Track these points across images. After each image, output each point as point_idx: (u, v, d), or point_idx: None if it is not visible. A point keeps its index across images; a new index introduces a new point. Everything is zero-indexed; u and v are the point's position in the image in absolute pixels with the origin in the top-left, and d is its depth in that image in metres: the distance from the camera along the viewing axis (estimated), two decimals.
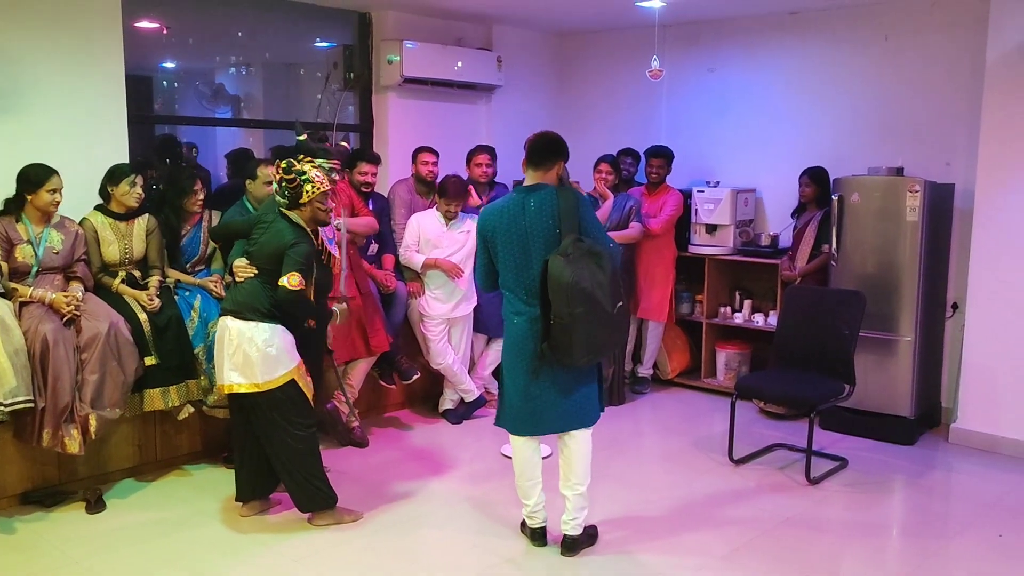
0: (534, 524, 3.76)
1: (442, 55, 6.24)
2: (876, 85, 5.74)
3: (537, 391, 3.59)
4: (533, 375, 3.56)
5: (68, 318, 4.01)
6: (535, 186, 3.58)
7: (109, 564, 3.60)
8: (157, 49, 5.76)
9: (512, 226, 3.54)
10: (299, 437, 3.85)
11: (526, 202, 3.55)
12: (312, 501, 3.92)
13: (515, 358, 3.63)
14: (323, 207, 3.87)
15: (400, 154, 5.98)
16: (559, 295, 3.36)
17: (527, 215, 3.52)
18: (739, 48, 6.38)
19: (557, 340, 3.42)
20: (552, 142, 3.60)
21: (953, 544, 3.91)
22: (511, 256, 3.57)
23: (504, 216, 3.56)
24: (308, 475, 3.88)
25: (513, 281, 3.59)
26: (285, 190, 3.78)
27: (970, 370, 5.16)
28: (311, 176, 3.79)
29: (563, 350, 3.44)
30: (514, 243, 3.55)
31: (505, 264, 3.58)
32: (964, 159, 5.34)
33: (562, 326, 3.39)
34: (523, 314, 3.57)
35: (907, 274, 5.11)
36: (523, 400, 3.61)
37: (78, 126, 4.61)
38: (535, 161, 3.59)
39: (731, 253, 6.13)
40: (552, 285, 3.38)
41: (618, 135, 6.74)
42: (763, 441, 5.11)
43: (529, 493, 3.72)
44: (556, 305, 3.38)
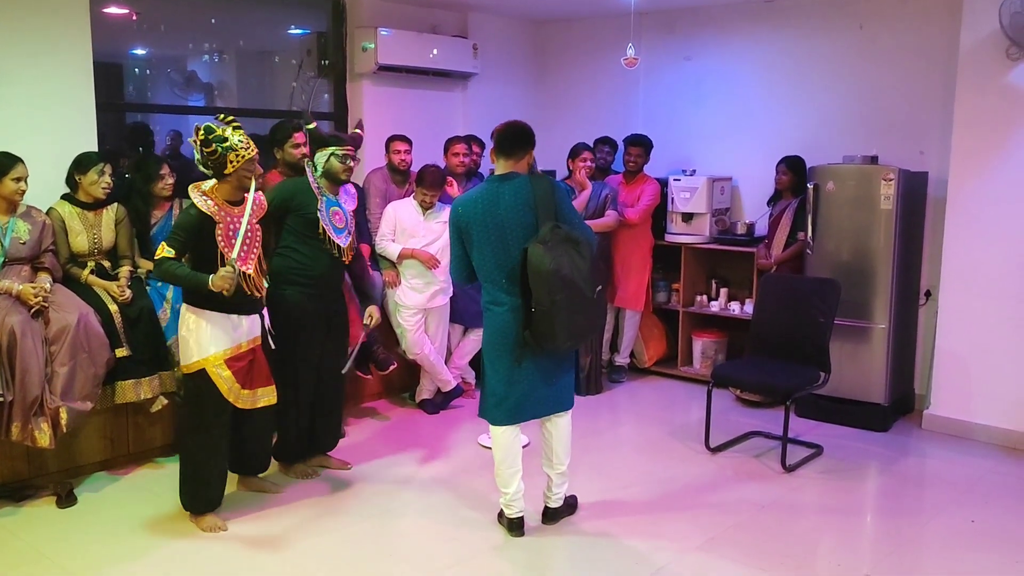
0: (512, 513, 3.76)
1: (417, 42, 6.19)
2: (851, 74, 5.76)
3: (520, 379, 3.62)
4: (517, 363, 3.58)
5: (36, 310, 3.94)
6: (508, 175, 3.59)
7: (81, 559, 3.55)
8: (127, 36, 5.66)
9: (488, 216, 3.53)
10: (190, 429, 3.80)
11: (500, 192, 3.54)
12: (183, 498, 3.84)
13: (498, 348, 3.62)
14: (248, 173, 3.66)
15: (375, 142, 5.92)
16: (540, 283, 3.40)
17: (502, 204, 3.52)
18: (715, 36, 6.37)
19: (539, 327, 3.47)
20: (522, 131, 3.62)
21: (926, 529, 3.95)
22: (488, 246, 3.55)
23: (478, 206, 3.54)
24: (188, 472, 3.79)
25: (492, 271, 3.58)
26: (207, 160, 3.61)
27: (943, 357, 5.20)
28: (233, 143, 3.60)
29: (546, 337, 3.48)
30: (491, 233, 3.53)
31: (482, 255, 3.56)
32: (937, 148, 5.38)
33: (544, 313, 3.43)
34: (503, 304, 3.58)
35: (881, 262, 5.14)
36: (507, 389, 3.63)
37: (45, 114, 4.53)
38: (506, 150, 3.59)
39: (707, 241, 6.14)
40: (532, 273, 3.40)
41: (595, 123, 6.72)
42: (739, 429, 5.13)
43: (509, 481, 3.72)
44: (537, 293, 3.42)
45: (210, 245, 3.62)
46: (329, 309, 4.23)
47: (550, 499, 3.86)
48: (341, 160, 4.14)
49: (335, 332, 4.30)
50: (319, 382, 4.29)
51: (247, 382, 3.78)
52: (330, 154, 4.14)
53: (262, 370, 3.87)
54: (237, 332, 3.74)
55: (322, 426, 4.40)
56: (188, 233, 3.59)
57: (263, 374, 3.87)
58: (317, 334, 4.19)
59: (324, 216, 4.10)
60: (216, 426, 3.77)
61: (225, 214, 3.66)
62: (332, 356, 4.32)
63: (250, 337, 3.81)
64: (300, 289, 4.10)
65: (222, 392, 3.70)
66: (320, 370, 4.27)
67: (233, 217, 3.69)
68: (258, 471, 4.21)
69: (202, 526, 3.78)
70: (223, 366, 3.69)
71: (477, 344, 5.72)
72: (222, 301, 3.60)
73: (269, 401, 3.89)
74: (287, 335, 4.07)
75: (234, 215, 3.69)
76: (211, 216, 3.61)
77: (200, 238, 3.60)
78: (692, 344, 6.29)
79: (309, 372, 4.21)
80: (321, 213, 4.09)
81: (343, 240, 4.17)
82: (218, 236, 3.62)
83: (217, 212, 3.63)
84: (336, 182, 4.20)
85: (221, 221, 3.64)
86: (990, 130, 4.91)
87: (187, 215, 3.64)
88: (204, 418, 3.74)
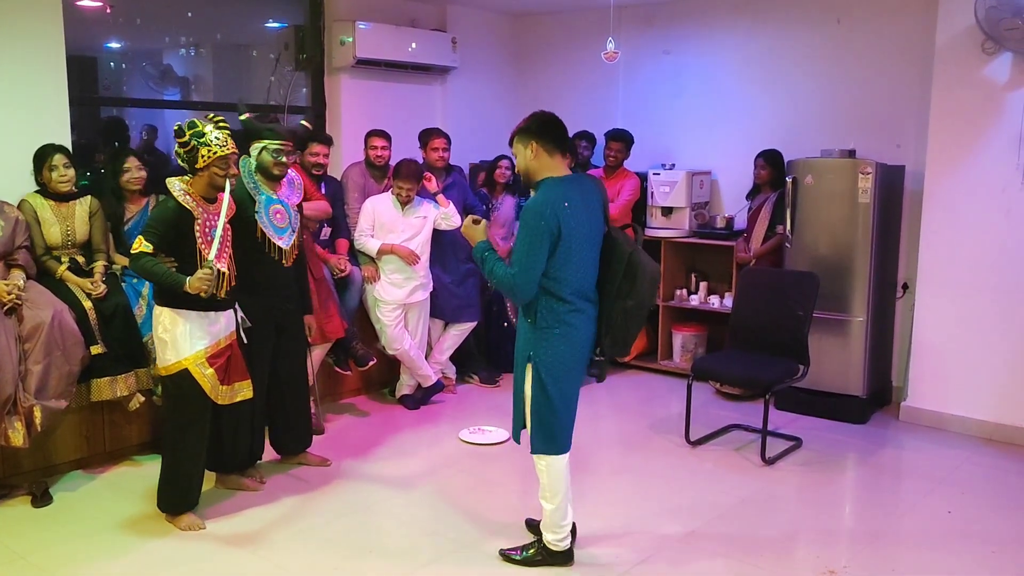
0: (567, 545, 3.45)
1: (396, 36, 6.16)
2: (829, 68, 5.79)
3: (577, 396, 3.39)
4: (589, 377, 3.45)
5: (9, 307, 3.89)
6: (578, 176, 3.39)
7: (57, 558, 3.51)
8: (101, 29, 5.59)
9: (585, 221, 3.20)
10: (171, 428, 3.75)
11: (585, 193, 3.25)
12: (159, 498, 3.79)
13: (574, 372, 3.31)
14: (220, 172, 3.58)
15: (353, 137, 5.89)
16: (649, 287, 3.28)
17: (590, 207, 3.25)
18: (694, 30, 6.38)
19: (624, 332, 3.31)
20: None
21: (904, 521, 3.98)
22: (588, 252, 3.24)
23: (579, 210, 3.18)
24: (170, 473, 3.74)
25: (585, 279, 3.25)
26: (181, 153, 3.56)
27: (920, 349, 5.25)
28: (208, 139, 3.54)
29: (624, 343, 3.36)
30: (586, 239, 3.21)
31: (580, 262, 3.21)
32: (914, 141, 5.41)
33: (638, 317, 3.30)
34: (584, 312, 3.27)
35: (859, 255, 5.18)
36: (569, 413, 3.35)
37: (17, 108, 4.46)
38: (564, 144, 3.29)
39: (687, 236, 6.15)
40: (644, 278, 3.25)
41: (574, 118, 6.65)
42: (719, 422, 5.15)
43: (568, 510, 3.41)
44: (640, 297, 3.26)
45: (187, 241, 3.57)
46: (278, 311, 4.10)
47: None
48: (273, 155, 3.95)
49: (289, 334, 4.20)
50: (279, 386, 4.21)
51: (225, 378, 3.74)
52: (262, 148, 3.96)
53: (239, 364, 3.83)
54: (215, 328, 3.71)
55: (291, 429, 4.35)
56: (166, 226, 3.53)
57: (240, 368, 3.83)
58: (267, 339, 4.08)
59: (263, 218, 3.96)
60: (199, 426, 3.74)
61: (203, 210, 3.62)
62: (289, 359, 4.23)
63: (227, 332, 3.78)
64: (245, 294, 3.92)
65: (206, 390, 3.66)
66: (279, 373, 4.19)
67: (210, 214, 3.64)
68: (237, 468, 4.17)
69: (180, 525, 3.74)
70: (205, 364, 3.65)
71: (458, 339, 5.71)
72: (198, 299, 3.56)
73: (246, 395, 3.85)
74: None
75: (211, 212, 3.65)
76: (190, 211, 3.57)
77: (178, 232, 3.55)
78: (672, 338, 6.31)
79: (260, 378, 4.07)
80: (260, 216, 3.95)
81: (285, 241, 4.03)
82: (196, 232, 3.58)
83: (195, 207, 3.59)
84: (271, 178, 4.01)
85: (199, 217, 3.59)
86: (966, 124, 4.94)
87: (165, 208, 3.58)
88: (188, 419, 3.70)
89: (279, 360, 4.20)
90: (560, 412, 3.31)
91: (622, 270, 3.25)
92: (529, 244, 3.12)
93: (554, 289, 3.19)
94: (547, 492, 3.37)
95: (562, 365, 3.26)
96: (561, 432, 3.33)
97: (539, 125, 3.26)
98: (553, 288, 3.19)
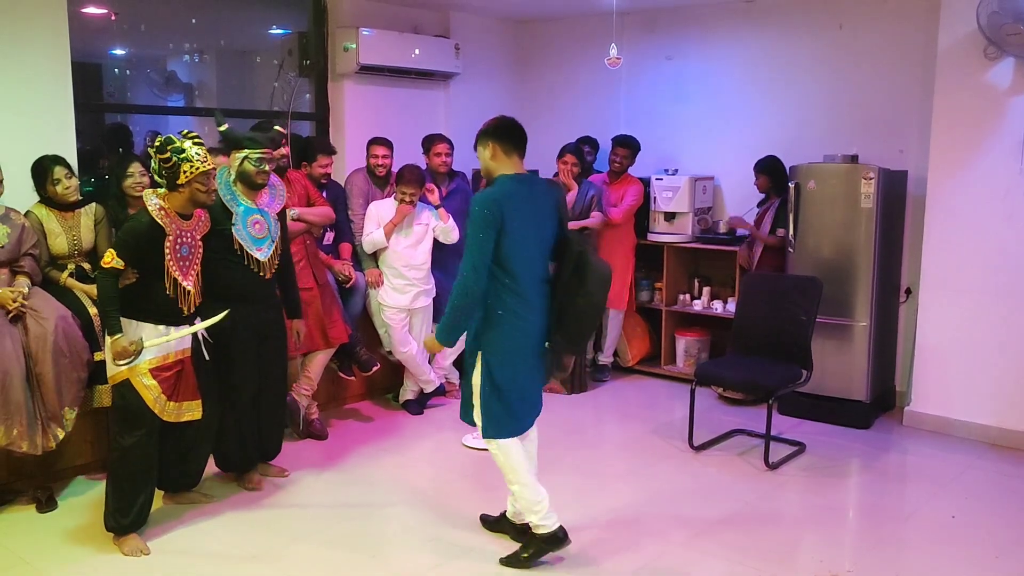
0: (554, 524, 3.47)
1: (399, 42, 6.18)
2: (831, 73, 5.80)
3: (531, 385, 3.54)
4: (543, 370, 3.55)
5: (14, 314, 3.90)
6: (531, 176, 3.52)
7: (60, 564, 3.52)
8: (106, 36, 5.62)
9: (530, 217, 3.36)
10: (114, 446, 3.65)
11: (534, 192, 3.42)
12: (105, 517, 3.64)
13: (520, 358, 3.44)
14: (203, 188, 3.54)
15: (357, 143, 5.91)
16: (599, 286, 3.44)
17: (539, 205, 3.41)
18: (696, 36, 6.39)
19: (576, 329, 3.48)
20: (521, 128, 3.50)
21: (908, 525, 3.98)
22: (535, 248, 3.40)
23: (522, 205, 3.33)
24: (111, 488, 3.62)
25: (531, 274, 3.39)
26: (161, 170, 3.51)
27: (923, 354, 5.24)
28: (190, 155, 3.50)
29: (575, 339, 3.54)
30: (532, 235, 3.37)
31: (526, 256, 3.36)
32: (917, 146, 5.42)
33: (589, 315, 3.47)
34: (535, 308, 3.41)
35: (862, 260, 5.18)
36: (520, 400, 3.48)
37: (22, 115, 4.48)
38: (521, 145, 3.45)
39: (690, 241, 6.16)
40: (594, 277, 3.42)
41: (577, 123, 6.73)
42: (723, 427, 5.15)
43: (537, 487, 3.47)
44: (590, 296, 3.42)
45: (155, 256, 3.52)
46: (260, 321, 4.04)
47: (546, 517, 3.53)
48: (255, 164, 3.92)
49: (271, 343, 4.14)
50: (259, 394, 4.16)
51: (173, 394, 3.64)
52: (243, 158, 3.92)
53: (189, 383, 3.72)
54: (182, 343, 3.64)
55: (264, 436, 4.32)
56: (139, 240, 3.49)
57: (190, 388, 3.73)
58: (249, 348, 4.03)
59: (240, 231, 3.91)
60: (145, 441, 3.61)
61: (176, 227, 3.57)
62: (270, 367, 4.18)
63: (179, 348, 3.69)
64: (226, 304, 3.83)
65: (147, 402, 3.56)
66: (261, 381, 4.15)
67: (183, 231, 3.59)
68: (186, 488, 4.06)
69: (124, 549, 3.60)
70: (147, 375, 3.56)
71: (462, 344, 5.70)
72: (152, 312, 3.53)
73: (193, 416, 3.74)
74: (219, 351, 3.91)
75: (184, 229, 3.60)
76: (163, 227, 3.52)
77: (148, 248, 3.50)
78: (675, 343, 6.31)
79: (247, 386, 4.07)
80: (236, 229, 3.90)
81: (263, 252, 3.98)
82: (166, 249, 3.53)
83: (169, 224, 3.54)
84: (252, 187, 3.97)
85: (171, 234, 3.55)
86: (969, 129, 4.95)
87: (138, 221, 3.53)
88: (133, 432, 3.58)
89: (262, 368, 4.14)
90: (508, 398, 3.43)
91: (571, 267, 3.42)
92: (474, 233, 3.29)
93: (503, 279, 3.34)
94: (509, 475, 3.49)
95: (509, 352, 3.41)
96: (510, 417, 3.46)
97: (496, 128, 3.45)
98: (501, 278, 3.34)
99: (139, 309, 3.53)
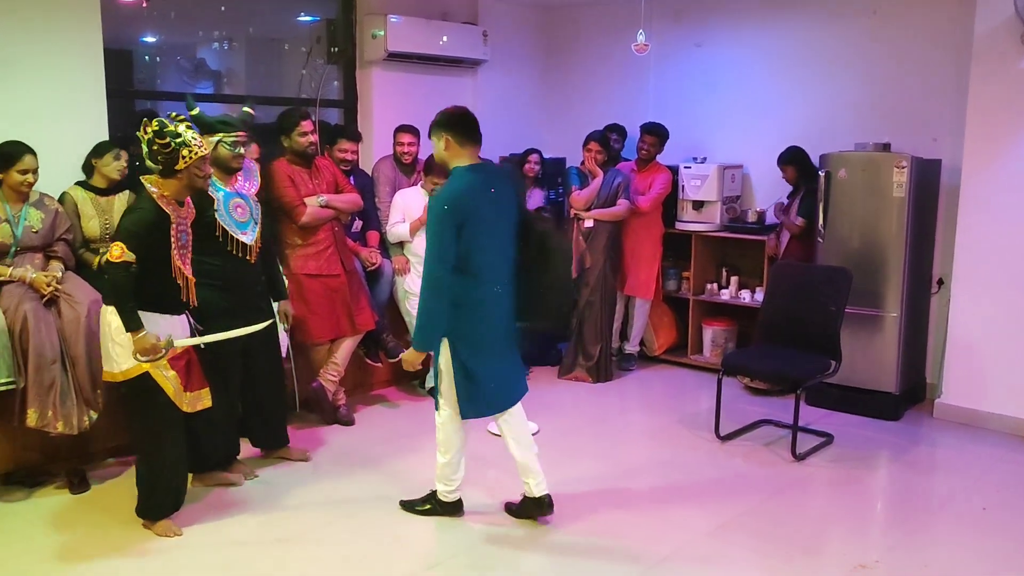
0: (456, 497, 3.80)
1: (427, 29, 6.17)
2: (863, 60, 5.72)
3: (506, 369, 3.66)
4: (516, 349, 3.70)
5: (48, 298, 3.96)
6: (488, 164, 3.68)
7: (94, 543, 3.57)
8: (137, 22, 5.66)
9: (490, 206, 3.49)
10: (144, 436, 3.62)
11: (491, 181, 3.54)
12: (138, 504, 3.67)
13: (490, 346, 3.57)
14: (200, 173, 3.49)
15: (384, 130, 5.91)
16: (563, 266, 3.64)
17: (498, 193, 3.53)
18: (726, 22, 6.33)
19: (549, 308, 3.67)
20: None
21: (937, 518, 3.94)
22: (496, 236, 3.52)
23: (480, 197, 3.47)
24: (142, 476, 3.63)
25: (495, 260, 3.54)
26: (158, 155, 3.40)
27: (955, 346, 5.18)
28: (187, 139, 3.42)
29: (552, 316, 3.75)
30: (493, 223, 3.50)
31: (489, 244, 3.50)
32: (951, 135, 5.33)
33: (559, 291, 3.65)
34: (496, 290, 3.55)
35: (893, 250, 5.11)
36: (495, 385, 3.61)
37: (56, 101, 4.53)
38: (474, 136, 3.56)
39: (718, 230, 6.12)
40: (556, 255, 3.63)
41: (605, 110, 6.69)
42: (749, 417, 5.12)
43: (460, 465, 3.75)
44: (557, 274, 3.63)
45: (161, 245, 3.44)
46: (248, 307, 3.98)
47: (542, 485, 3.74)
48: (231, 147, 3.89)
49: (259, 332, 3.97)
50: (254, 383, 4.13)
51: (188, 383, 3.59)
52: (217, 142, 3.86)
53: (198, 370, 3.66)
54: (173, 331, 3.54)
55: (268, 424, 4.30)
56: (149, 230, 3.39)
57: (199, 376, 3.66)
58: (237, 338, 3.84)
59: (223, 216, 3.86)
60: (175, 431, 3.60)
61: (176, 214, 3.49)
62: (262, 355, 4.14)
63: (184, 336, 3.64)
64: (212, 290, 3.83)
65: (169, 394, 3.51)
66: (253, 371, 4.13)
67: (180, 219, 3.52)
68: (219, 467, 4.09)
69: (157, 531, 3.63)
70: (167, 366, 3.49)
71: None
72: (156, 302, 3.46)
73: (205, 404, 3.67)
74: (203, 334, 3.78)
75: (180, 216, 3.53)
76: (168, 213, 3.45)
77: (154, 236, 3.42)
78: (702, 332, 6.28)
79: (234, 373, 4.02)
80: (219, 214, 3.85)
81: (248, 236, 3.94)
82: (172, 237, 3.46)
83: (171, 211, 3.47)
84: (228, 171, 3.93)
85: (174, 221, 3.47)
86: (1004, 117, 4.86)
87: (143, 211, 3.43)
88: (161, 425, 3.55)
89: (252, 357, 4.12)
90: (479, 379, 3.54)
91: (535, 249, 3.59)
92: (435, 229, 3.42)
93: (467, 268, 3.45)
94: (441, 447, 3.71)
95: (479, 343, 3.54)
96: (481, 398, 3.59)
97: (448, 119, 3.53)
98: (466, 268, 3.45)
99: (139, 297, 3.40)
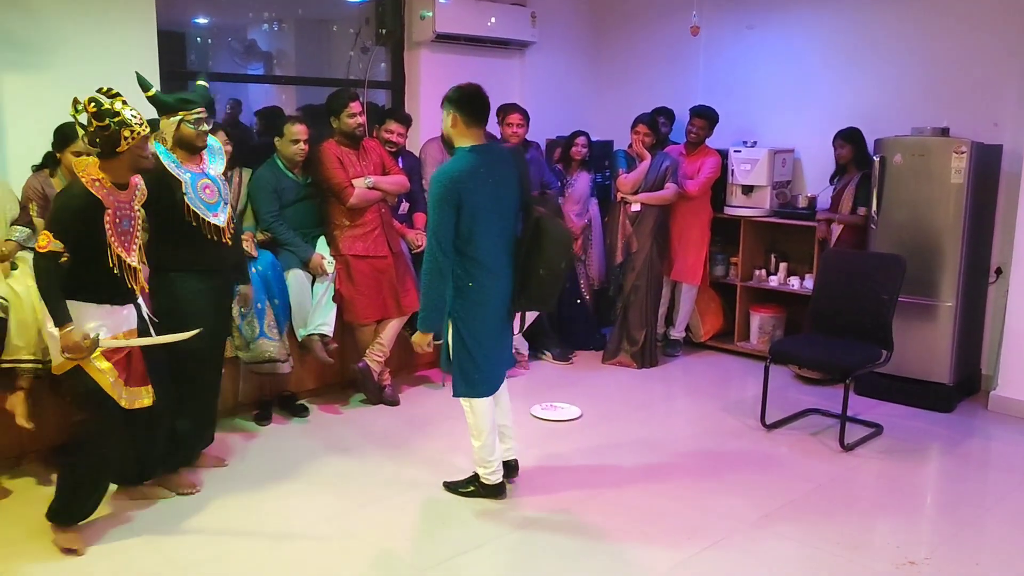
0: (498, 479, 3.83)
1: (475, 10, 6.14)
2: (920, 42, 5.55)
3: (498, 345, 3.73)
4: (512, 332, 3.79)
5: None
6: (492, 145, 3.67)
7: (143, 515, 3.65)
8: (190, 4, 5.73)
9: (491, 188, 3.49)
10: (85, 432, 3.39)
11: (494, 162, 3.53)
12: (56, 508, 3.38)
13: (487, 323, 3.64)
14: (143, 152, 3.29)
15: (431, 111, 5.88)
16: (557, 251, 3.58)
17: (500, 175, 3.53)
18: (778, 3, 6.19)
19: (539, 294, 3.68)
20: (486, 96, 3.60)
21: (989, 514, 3.85)
22: (496, 218, 3.54)
23: (480, 177, 3.47)
24: (74, 480, 3.38)
25: (494, 243, 3.56)
26: (96, 136, 3.20)
27: (1012, 337, 5.04)
28: (126, 118, 3.21)
29: (542, 301, 3.76)
30: (493, 205, 3.51)
31: (487, 227, 3.51)
32: (1013, 119, 5.16)
33: (550, 282, 3.63)
34: (496, 273, 3.59)
35: (949, 238, 4.98)
36: (494, 363, 3.72)
37: (110, 82, 4.48)
38: (483, 118, 3.56)
39: (767, 215, 6.02)
40: (554, 243, 3.58)
41: (654, 93, 6.61)
42: (796, 406, 5.05)
43: (495, 446, 3.80)
44: (549, 263, 3.58)
45: (94, 234, 3.23)
46: (220, 292, 3.87)
47: (513, 450, 3.95)
48: (193, 125, 3.66)
49: (224, 317, 3.97)
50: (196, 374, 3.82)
51: (128, 379, 3.37)
52: (179, 121, 3.65)
53: (139, 367, 3.44)
54: (114, 320, 3.37)
55: (196, 425, 3.93)
56: (75, 217, 3.18)
57: (140, 372, 3.44)
58: (207, 322, 3.70)
59: (192, 198, 3.66)
60: (117, 430, 3.39)
61: (113, 199, 3.28)
62: (219, 347, 3.97)
63: (128, 328, 3.44)
64: (186, 273, 3.71)
65: (104, 387, 3.29)
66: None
67: (121, 203, 3.31)
68: (144, 478, 3.78)
69: (61, 540, 3.35)
70: (100, 358, 3.28)
71: (530, 316, 5.70)
72: (94, 291, 3.29)
73: (144, 403, 3.43)
74: (174, 324, 3.56)
75: (122, 201, 3.32)
76: (100, 199, 3.23)
77: (84, 225, 3.20)
78: (749, 319, 6.20)
79: (199, 366, 3.80)
80: (188, 197, 3.64)
81: (219, 217, 3.73)
82: (106, 224, 3.25)
83: (106, 196, 3.25)
84: (193, 151, 3.71)
85: (110, 207, 3.26)
86: None
87: (71, 196, 3.22)
88: (105, 421, 3.34)
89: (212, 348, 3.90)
90: (478, 360, 3.64)
91: (530, 234, 3.58)
92: (433, 212, 3.44)
93: (467, 251, 3.50)
94: (473, 431, 3.76)
95: (476, 319, 3.60)
96: (480, 379, 3.67)
97: (460, 96, 3.54)
98: (466, 250, 3.50)
99: (79, 288, 3.24)
